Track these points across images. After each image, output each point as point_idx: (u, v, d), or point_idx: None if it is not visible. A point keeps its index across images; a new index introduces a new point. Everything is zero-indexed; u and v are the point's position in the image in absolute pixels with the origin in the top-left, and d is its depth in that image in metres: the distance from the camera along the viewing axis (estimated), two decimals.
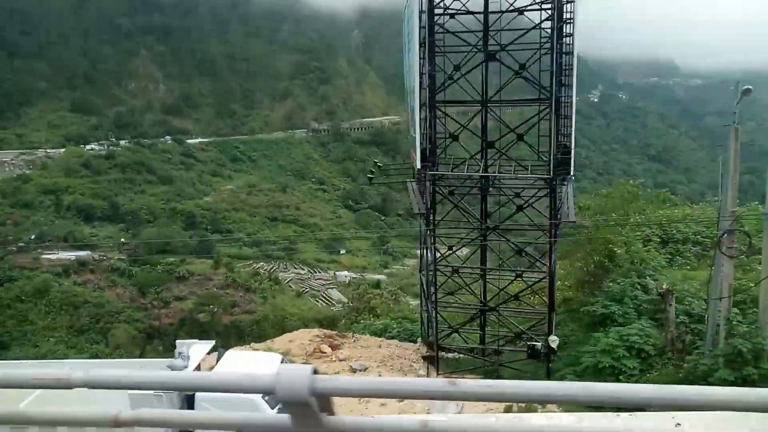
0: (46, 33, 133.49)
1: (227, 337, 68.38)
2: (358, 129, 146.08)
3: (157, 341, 65.45)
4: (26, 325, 64.48)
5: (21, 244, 78.23)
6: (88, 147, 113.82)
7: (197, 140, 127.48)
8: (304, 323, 71.24)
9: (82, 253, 78.15)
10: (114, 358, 63.26)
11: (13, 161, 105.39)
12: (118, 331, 64.56)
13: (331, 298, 78.03)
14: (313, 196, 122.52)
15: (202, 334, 67.18)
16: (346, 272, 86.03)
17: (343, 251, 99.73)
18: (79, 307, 67.03)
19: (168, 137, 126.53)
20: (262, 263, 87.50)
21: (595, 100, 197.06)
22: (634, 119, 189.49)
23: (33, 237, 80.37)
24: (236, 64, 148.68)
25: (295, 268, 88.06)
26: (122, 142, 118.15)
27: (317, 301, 77.27)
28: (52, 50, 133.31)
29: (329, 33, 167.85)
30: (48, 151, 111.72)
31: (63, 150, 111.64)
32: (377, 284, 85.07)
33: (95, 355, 62.02)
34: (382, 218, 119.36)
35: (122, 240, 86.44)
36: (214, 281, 76.91)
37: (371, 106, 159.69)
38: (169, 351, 67.81)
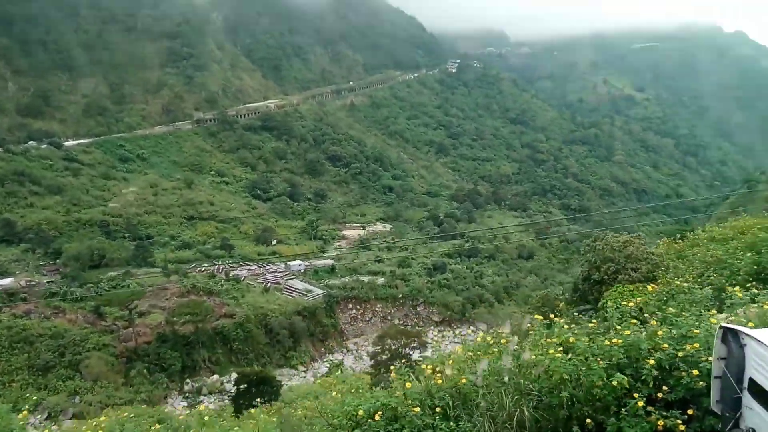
0: None
1: (227, 348, 64.50)
2: (245, 115, 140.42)
3: (140, 364, 59.61)
4: None
5: None
6: None
7: (75, 142, 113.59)
8: (288, 317, 69.73)
9: (3, 282, 67.51)
10: (98, 392, 56.40)
11: None
12: (92, 361, 57.58)
13: (297, 288, 76.36)
14: (217, 189, 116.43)
15: (187, 348, 62.86)
16: (298, 261, 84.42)
17: (274, 241, 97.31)
18: (33, 342, 58.52)
19: (32, 142, 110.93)
20: (205, 264, 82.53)
21: (454, 70, 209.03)
22: (490, 86, 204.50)
23: None
24: (96, 54, 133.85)
25: (242, 265, 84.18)
26: None
27: (284, 294, 75.18)
28: None
29: (190, 15, 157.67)
30: None
31: None
32: (332, 269, 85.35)
33: (75, 392, 55.20)
34: (296, 204, 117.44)
35: (40, 262, 75.71)
36: (172, 290, 71.30)
37: (251, 90, 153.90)
38: (154, 374, 61.77)
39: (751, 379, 4.96)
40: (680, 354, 6.16)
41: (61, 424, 42.02)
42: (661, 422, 5.51)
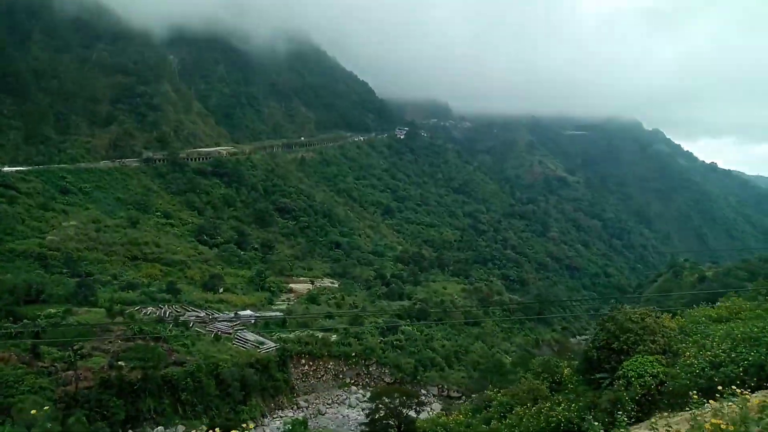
0: None
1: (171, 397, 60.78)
2: (195, 159, 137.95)
3: (80, 411, 55.10)
4: None
5: None
6: None
7: (12, 169, 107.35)
8: (240, 368, 67.11)
9: None
10: None
11: None
12: (26, 406, 52.58)
13: (248, 339, 73.79)
14: (163, 231, 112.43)
15: (132, 396, 58.90)
16: (249, 311, 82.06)
17: (221, 289, 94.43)
18: None
19: None
20: (150, 308, 78.59)
21: (402, 137, 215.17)
22: (435, 155, 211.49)
23: None
24: (45, 82, 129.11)
25: (189, 311, 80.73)
26: None
27: (236, 344, 72.39)
28: None
29: (147, 54, 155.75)
30: None
31: None
32: (283, 322, 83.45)
33: None
34: (243, 253, 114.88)
35: None
36: (116, 332, 67.18)
37: (203, 135, 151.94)
38: (95, 422, 58.55)
39: None
40: None
41: None
42: None
